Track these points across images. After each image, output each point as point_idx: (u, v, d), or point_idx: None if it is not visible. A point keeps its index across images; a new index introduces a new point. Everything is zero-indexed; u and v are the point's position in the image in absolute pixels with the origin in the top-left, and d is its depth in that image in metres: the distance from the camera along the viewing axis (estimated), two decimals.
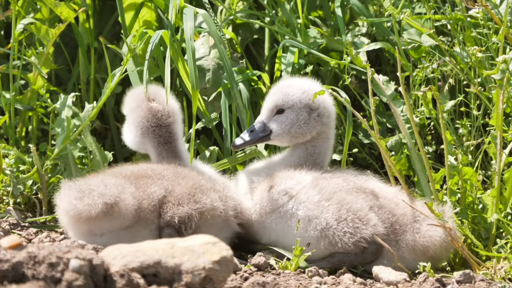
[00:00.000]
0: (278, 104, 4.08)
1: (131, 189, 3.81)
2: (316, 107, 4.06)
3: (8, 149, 4.51)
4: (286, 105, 4.07)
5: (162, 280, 3.00)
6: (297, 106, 4.07)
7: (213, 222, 3.88)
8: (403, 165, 4.29)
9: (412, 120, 4.08)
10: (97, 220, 3.75)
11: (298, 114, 4.07)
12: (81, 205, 3.73)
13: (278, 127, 4.08)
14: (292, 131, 4.08)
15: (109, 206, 3.73)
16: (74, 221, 3.80)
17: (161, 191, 3.85)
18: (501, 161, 3.97)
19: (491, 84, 4.25)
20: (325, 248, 3.91)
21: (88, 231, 3.81)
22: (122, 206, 3.75)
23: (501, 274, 3.80)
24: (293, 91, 4.08)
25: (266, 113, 4.11)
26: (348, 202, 3.91)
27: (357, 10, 4.83)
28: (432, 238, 3.90)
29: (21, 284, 2.83)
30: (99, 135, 5.02)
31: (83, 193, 3.75)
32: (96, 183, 3.79)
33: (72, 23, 4.79)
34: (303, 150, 4.10)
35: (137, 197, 3.80)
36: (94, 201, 3.72)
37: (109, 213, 3.74)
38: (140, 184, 3.86)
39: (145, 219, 3.82)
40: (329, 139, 4.13)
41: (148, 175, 3.91)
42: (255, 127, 4.11)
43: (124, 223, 3.79)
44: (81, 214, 3.74)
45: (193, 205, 3.85)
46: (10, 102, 4.68)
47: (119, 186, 3.79)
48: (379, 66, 5.00)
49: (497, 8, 4.21)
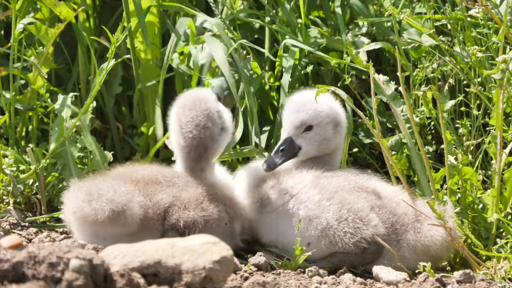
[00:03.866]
0: (307, 121, 4.03)
1: (139, 198, 3.80)
2: (340, 120, 4.06)
3: (5, 149, 4.51)
4: (315, 121, 4.03)
5: (162, 280, 2.99)
6: (325, 122, 4.04)
7: (217, 232, 3.86)
8: (403, 165, 4.29)
9: (412, 119, 4.08)
10: (102, 225, 3.75)
11: (326, 130, 4.05)
12: (89, 209, 3.73)
13: (307, 144, 4.04)
14: (321, 147, 4.06)
15: (116, 214, 3.73)
16: (80, 222, 3.80)
17: (169, 199, 3.84)
18: (501, 161, 3.97)
19: (491, 84, 4.25)
20: (326, 247, 3.91)
21: (92, 234, 3.81)
22: (128, 215, 3.75)
23: (501, 274, 3.80)
24: (321, 108, 4.03)
25: (293, 130, 4.04)
26: (349, 202, 3.91)
27: (357, 10, 4.83)
28: (433, 238, 3.89)
29: (21, 284, 2.83)
30: (99, 135, 5.01)
31: (91, 196, 3.75)
32: (106, 188, 3.77)
33: (72, 22, 4.79)
34: (319, 160, 4.08)
35: (144, 207, 3.80)
36: (102, 206, 3.72)
37: (115, 220, 3.74)
38: (149, 191, 3.84)
39: (149, 227, 3.82)
40: (343, 148, 4.16)
41: (158, 181, 3.89)
42: (284, 146, 4.03)
43: (129, 230, 3.79)
44: (88, 217, 3.74)
45: (200, 211, 3.84)
46: (10, 102, 4.68)
47: (128, 194, 3.77)
48: (379, 66, 5.00)
49: (497, 8, 4.21)
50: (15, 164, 4.52)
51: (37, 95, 4.77)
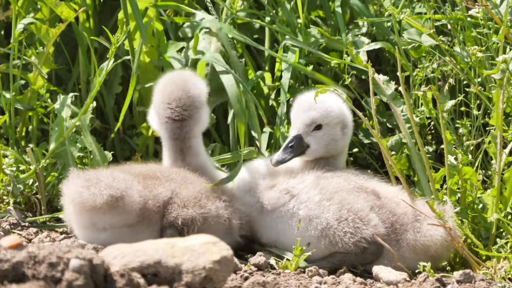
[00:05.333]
0: (317, 120, 4.05)
1: (139, 187, 3.81)
2: (347, 122, 4.08)
3: (5, 149, 4.51)
4: (325, 121, 4.05)
5: (162, 279, 3.00)
6: (334, 122, 4.06)
7: (216, 229, 3.86)
8: (403, 165, 4.29)
9: (412, 119, 4.08)
10: (100, 212, 3.74)
11: (335, 130, 4.07)
12: (87, 194, 3.73)
13: (316, 143, 4.05)
14: (328, 148, 4.07)
15: (114, 199, 3.73)
16: (78, 210, 3.79)
17: (167, 193, 3.85)
18: (501, 160, 3.97)
19: (491, 84, 4.25)
20: (326, 247, 3.91)
21: (91, 224, 3.81)
22: (127, 202, 3.75)
23: (501, 274, 3.80)
24: (331, 108, 4.05)
25: (303, 128, 4.06)
26: (349, 202, 3.91)
27: (357, 10, 4.83)
28: (433, 237, 3.89)
29: (21, 284, 2.83)
30: (99, 135, 5.01)
31: (90, 182, 3.76)
32: (105, 175, 3.79)
33: (72, 22, 4.79)
34: (324, 162, 4.09)
35: (143, 196, 3.80)
36: (100, 191, 3.72)
37: (114, 206, 3.74)
38: (148, 184, 3.85)
39: (149, 219, 3.82)
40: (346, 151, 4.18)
41: (156, 176, 3.90)
42: (294, 143, 4.05)
43: (128, 220, 3.78)
44: (86, 202, 3.73)
45: (198, 209, 3.85)
46: (10, 102, 4.68)
47: (127, 181, 3.79)
48: (379, 66, 5.00)
49: (497, 8, 4.21)
50: (15, 164, 4.52)
51: (37, 95, 4.77)
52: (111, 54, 4.22)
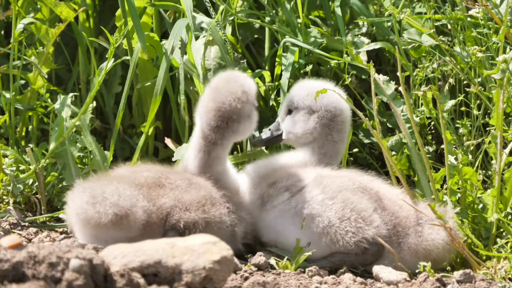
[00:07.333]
0: (288, 104, 4.15)
1: (143, 203, 3.79)
2: (317, 109, 4.08)
3: (5, 149, 4.51)
4: (293, 105, 4.13)
5: (162, 279, 2.99)
6: (301, 107, 4.09)
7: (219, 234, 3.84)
8: (403, 165, 4.29)
9: (413, 119, 4.08)
10: (104, 229, 3.75)
11: (301, 115, 4.09)
12: (92, 211, 3.73)
13: (286, 127, 4.14)
14: (294, 132, 4.10)
15: (119, 218, 3.72)
16: (82, 224, 3.80)
17: (171, 203, 3.84)
18: (501, 160, 3.97)
19: (491, 84, 4.25)
20: (326, 245, 3.90)
21: (94, 236, 3.81)
22: (131, 220, 3.74)
23: (502, 274, 3.80)
24: (298, 92, 4.13)
25: (282, 113, 4.19)
26: (352, 202, 3.90)
27: (357, 10, 4.83)
28: (435, 242, 3.89)
29: (21, 284, 2.83)
30: (99, 135, 5.01)
31: (96, 199, 3.74)
32: (111, 192, 3.77)
33: (72, 22, 4.79)
34: (309, 150, 4.10)
35: (147, 211, 3.79)
36: (105, 210, 3.71)
37: (118, 224, 3.74)
38: (152, 196, 3.83)
39: (152, 231, 3.81)
40: (336, 142, 4.12)
41: (161, 184, 3.88)
42: (271, 126, 4.19)
43: (131, 234, 3.78)
44: (91, 220, 3.73)
45: (201, 213, 3.84)
46: (10, 102, 4.68)
47: (133, 198, 3.77)
48: (379, 65, 5.00)
49: (497, 8, 4.21)
50: (15, 164, 4.52)
51: (37, 95, 4.77)
52: (110, 54, 4.22)
